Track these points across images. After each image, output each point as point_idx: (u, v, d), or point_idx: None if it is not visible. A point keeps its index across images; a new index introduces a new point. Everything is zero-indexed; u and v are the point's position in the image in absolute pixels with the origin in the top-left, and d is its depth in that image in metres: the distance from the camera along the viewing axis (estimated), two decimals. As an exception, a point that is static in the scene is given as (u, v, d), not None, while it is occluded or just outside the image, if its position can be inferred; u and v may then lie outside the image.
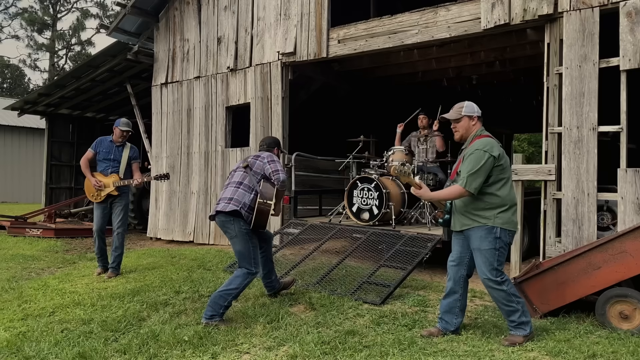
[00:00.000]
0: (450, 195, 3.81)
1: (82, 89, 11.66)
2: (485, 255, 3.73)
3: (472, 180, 3.66)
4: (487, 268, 3.73)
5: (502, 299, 3.78)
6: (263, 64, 8.17)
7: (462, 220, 3.85)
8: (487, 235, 3.71)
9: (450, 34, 6.30)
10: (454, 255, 4.02)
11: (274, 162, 4.63)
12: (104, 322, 4.38)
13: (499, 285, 3.74)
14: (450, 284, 4.01)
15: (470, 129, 3.90)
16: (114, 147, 6.28)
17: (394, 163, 6.68)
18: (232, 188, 4.54)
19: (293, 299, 5.03)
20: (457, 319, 4.01)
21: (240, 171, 4.64)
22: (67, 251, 8.53)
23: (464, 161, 3.78)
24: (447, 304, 4.01)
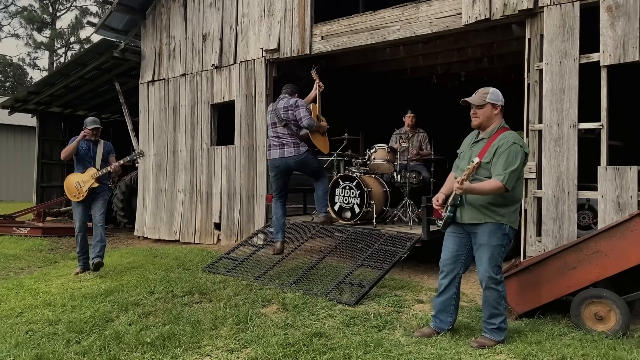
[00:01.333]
0: (490, 190, 3.51)
1: (72, 87, 11.60)
2: (491, 252, 3.61)
3: (513, 178, 3.48)
4: (491, 264, 3.62)
5: (493, 300, 3.67)
6: (247, 61, 8.08)
7: (473, 213, 3.64)
8: (497, 231, 3.59)
9: (432, 30, 6.20)
10: (448, 252, 3.85)
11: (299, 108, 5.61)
12: (71, 323, 4.31)
13: (497, 285, 3.65)
14: (445, 281, 3.87)
15: (492, 118, 3.65)
16: (91, 145, 6.38)
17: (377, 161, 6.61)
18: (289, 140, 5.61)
19: (267, 299, 4.95)
20: (451, 317, 3.91)
21: (280, 126, 5.63)
22: (51, 250, 8.47)
23: (499, 154, 3.52)
24: (441, 303, 3.89)
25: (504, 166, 3.49)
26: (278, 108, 5.70)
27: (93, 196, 6.29)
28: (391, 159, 6.59)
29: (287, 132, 5.63)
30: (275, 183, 5.89)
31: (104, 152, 6.44)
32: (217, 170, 8.52)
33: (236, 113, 8.23)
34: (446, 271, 3.87)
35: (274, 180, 5.88)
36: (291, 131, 5.62)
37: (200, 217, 8.73)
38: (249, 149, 8.03)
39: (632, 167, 4.80)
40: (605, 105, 4.99)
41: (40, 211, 10.97)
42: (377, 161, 6.57)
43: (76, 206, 6.39)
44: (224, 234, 8.35)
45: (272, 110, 5.79)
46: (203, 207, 8.70)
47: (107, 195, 6.55)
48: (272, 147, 5.75)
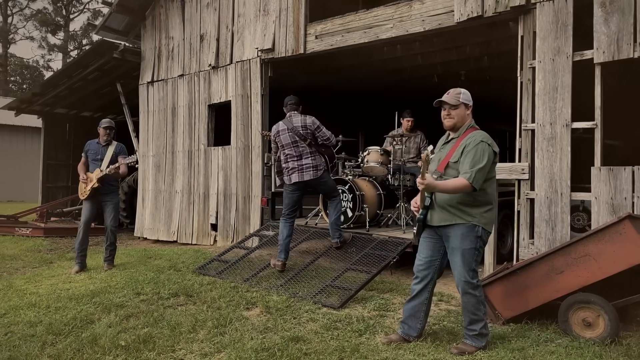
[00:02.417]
0: (455, 188, 3.43)
1: (75, 88, 11.67)
2: (465, 256, 3.50)
3: (480, 176, 3.37)
4: (466, 269, 3.50)
5: (472, 306, 3.55)
6: (243, 61, 8.03)
7: (443, 214, 3.55)
8: (469, 234, 3.48)
9: (425, 28, 6.08)
10: (422, 257, 3.74)
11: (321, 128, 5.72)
12: (51, 325, 4.28)
13: (474, 290, 3.52)
14: (418, 287, 3.75)
15: (465, 118, 3.59)
16: (101, 148, 6.58)
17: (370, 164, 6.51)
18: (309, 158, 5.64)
19: (251, 302, 4.88)
20: (420, 324, 3.79)
21: (303, 145, 5.62)
22: (50, 250, 8.51)
23: (467, 153, 3.44)
24: (411, 308, 3.78)
25: (471, 164, 3.39)
26: (295, 127, 5.60)
27: (102, 198, 6.50)
28: (385, 162, 6.48)
29: (309, 150, 5.60)
30: (289, 198, 5.78)
31: (114, 153, 6.54)
32: (214, 171, 8.49)
33: (232, 113, 8.19)
34: (420, 277, 3.76)
35: (289, 196, 5.77)
36: (312, 149, 5.61)
37: (198, 218, 8.71)
38: (245, 149, 7.98)
39: (626, 167, 4.64)
40: (599, 104, 4.83)
41: (43, 212, 11.05)
42: (370, 164, 6.47)
43: (83, 204, 6.66)
44: (220, 235, 8.32)
45: (287, 130, 5.64)
46: (200, 207, 8.68)
47: (116, 198, 6.67)
48: (292, 170, 5.64)
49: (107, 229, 6.56)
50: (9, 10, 35.92)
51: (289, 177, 5.71)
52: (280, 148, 5.78)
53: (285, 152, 5.71)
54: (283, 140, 5.69)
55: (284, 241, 5.76)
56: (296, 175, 5.63)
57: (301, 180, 5.62)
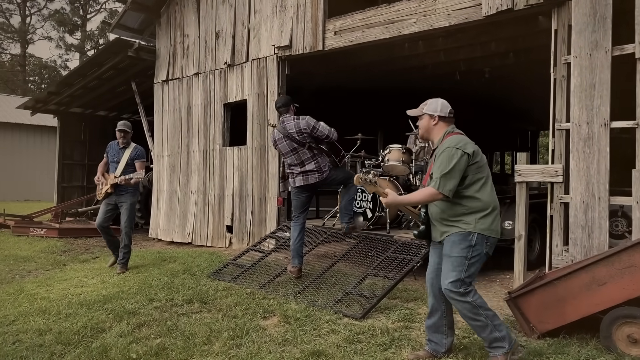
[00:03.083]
0: (421, 199, 3.37)
1: (90, 87, 11.56)
2: (452, 263, 3.28)
3: (445, 181, 3.22)
4: (452, 278, 3.26)
5: (467, 311, 3.29)
6: (259, 59, 7.81)
7: (441, 228, 3.41)
8: (461, 242, 3.26)
9: (450, 22, 5.79)
10: (431, 267, 3.57)
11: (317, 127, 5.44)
12: (60, 333, 4.11)
13: (462, 297, 3.26)
14: (431, 300, 3.57)
15: (431, 129, 3.51)
16: (119, 150, 6.57)
17: (391, 163, 6.23)
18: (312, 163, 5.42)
19: (268, 310, 4.66)
20: (447, 339, 3.55)
21: (302, 150, 5.38)
22: (64, 252, 8.38)
23: (436, 161, 3.34)
24: (432, 324, 3.57)
25: (437, 172, 3.26)
26: (290, 133, 5.38)
27: (118, 199, 6.48)
28: (406, 161, 6.20)
29: (310, 155, 5.39)
30: (297, 200, 5.59)
31: (129, 157, 6.52)
32: (230, 172, 8.29)
33: (248, 112, 7.98)
34: (429, 287, 3.57)
35: (296, 198, 5.59)
36: (312, 153, 5.40)
37: (213, 220, 8.52)
38: (261, 150, 7.76)
39: (671, 170, 4.31)
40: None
41: (58, 212, 10.96)
42: (391, 163, 6.20)
43: (101, 204, 6.72)
44: (235, 237, 8.11)
45: (283, 138, 5.43)
46: (215, 209, 8.48)
47: (132, 198, 6.60)
48: (296, 174, 5.47)
49: (122, 231, 6.52)
50: (27, 11, 36.23)
51: (293, 180, 5.55)
52: (282, 156, 5.63)
53: (287, 160, 5.57)
54: (282, 149, 5.53)
55: (295, 245, 5.55)
56: (301, 179, 5.47)
57: (306, 183, 5.46)
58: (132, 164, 6.50)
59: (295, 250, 5.52)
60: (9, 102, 22.03)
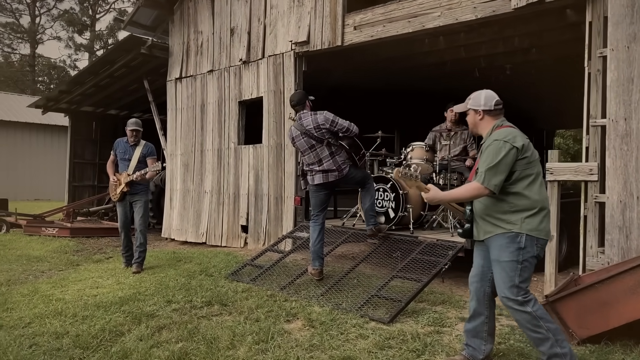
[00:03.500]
0: (466, 194, 3.15)
1: (102, 85, 11.47)
2: (504, 269, 3.06)
3: (491, 176, 3.01)
4: (507, 284, 3.05)
5: (527, 322, 3.07)
6: (276, 55, 7.64)
7: (485, 227, 3.20)
8: (509, 245, 3.05)
9: (477, 16, 5.59)
10: (475, 269, 3.36)
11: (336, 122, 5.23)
12: (78, 337, 3.96)
13: (521, 306, 3.04)
14: (473, 304, 3.36)
15: (478, 124, 3.32)
16: (129, 147, 6.49)
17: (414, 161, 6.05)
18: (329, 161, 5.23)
19: (291, 313, 4.48)
20: (485, 345, 3.34)
21: (320, 147, 5.21)
22: (76, 252, 8.26)
23: (482, 155, 3.14)
24: (472, 328, 3.37)
25: (483, 166, 3.06)
26: (308, 129, 5.21)
27: (130, 198, 6.42)
28: (430, 159, 6.01)
29: (329, 152, 5.21)
30: (315, 198, 5.41)
31: (141, 154, 6.45)
32: (245, 170, 8.13)
33: (264, 110, 7.82)
34: (472, 290, 3.36)
35: (315, 196, 5.41)
36: (331, 150, 5.21)
37: (227, 219, 8.36)
38: (277, 148, 7.60)
39: None
40: (683, 96, 4.29)
41: (70, 211, 10.87)
42: (415, 161, 6.02)
43: (117, 206, 6.63)
44: (251, 237, 7.95)
45: (300, 135, 5.26)
46: (230, 208, 8.33)
47: (146, 196, 6.56)
48: (315, 172, 5.29)
49: (136, 230, 6.44)
50: (37, 11, 36.33)
51: (312, 178, 5.36)
52: (300, 154, 5.45)
53: (304, 158, 5.38)
54: (300, 146, 5.35)
55: (315, 246, 5.36)
56: (320, 177, 5.28)
57: (326, 181, 5.27)
58: (144, 161, 6.44)
59: (315, 252, 5.34)
60: (19, 102, 22.05)
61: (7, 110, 20.84)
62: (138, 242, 6.40)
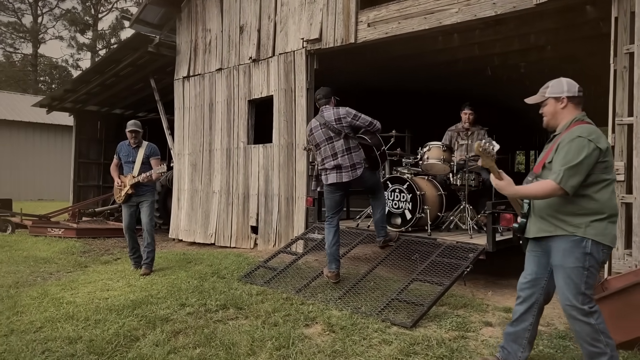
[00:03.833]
0: (539, 193, 2.88)
1: (107, 84, 11.35)
2: (569, 275, 2.86)
3: (569, 176, 2.78)
4: (572, 292, 2.85)
5: (586, 335, 2.88)
6: (287, 53, 7.52)
7: (541, 224, 2.99)
8: (574, 249, 2.84)
9: (496, 12, 5.46)
10: (527, 275, 3.16)
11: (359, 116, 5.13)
12: (92, 342, 3.83)
13: (585, 317, 2.85)
14: (521, 308, 3.18)
15: (559, 113, 3.03)
16: (131, 150, 6.39)
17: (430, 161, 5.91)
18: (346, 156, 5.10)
19: (310, 317, 4.35)
20: (523, 353, 3.17)
21: (338, 140, 5.08)
22: (83, 253, 8.14)
23: (559, 150, 2.87)
24: (513, 332, 3.21)
25: (561, 163, 2.79)
26: (328, 121, 5.08)
27: (137, 199, 6.33)
28: (447, 159, 5.88)
29: (345, 147, 5.06)
30: (330, 199, 5.27)
31: (144, 155, 6.34)
32: (254, 170, 8.00)
33: (274, 109, 7.69)
34: (523, 297, 3.15)
35: (329, 197, 5.28)
36: (348, 145, 5.07)
37: (237, 220, 8.24)
38: (288, 148, 7.47)
39: None
40: None
41: (75, 211, 10.75)
42: (431, 161, 5.88)
43: (122, 207, 6.52)
44: (261, 238, 7.83)
45: (319, 126, 5.15)
46: (239, 209, 8.20)
47: (152, 197, 6.49)
48: (329, 170, 5.15)
49: (143, 230, 6.35)
50: (39, 10, 36.25)
51: (326, 177, 5.21)
52: (315, 148, 5.30)
53: (320, 151, 5.23)
54: (317, 137, 5.19)
55: (331, 248, 5.22)
56: (334, 176, 5.13)
57: (339, 181, 5.12)
58: (148, 162, 6.35)
59: (331, 254, 5.21)
60: (22, 101, 21.95)
61: (11, 110, 20.74)
62: (146, 242, 6.28)
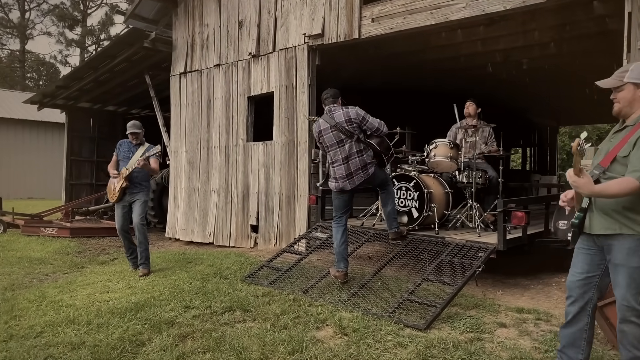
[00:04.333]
0: (619, 192, 2.70)
1: (101, 80, 11.13)
2: (631, 275, 2.74)
3: None
4: (632, 292, 2.74)
5: (634, 338, 2.78)
6: (288, 49, 7.38)
7: (605, 221, 2.84)
8: (639, 248, 2.73)
9: (505, 7, 5.37)
10: (577, 274, 3.03)
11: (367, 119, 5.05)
12: (96, 347, 3.68)
13: (639, 319, 2.75)
14: (573, 309, 3.04)
15: (636, 102, 2.81)
16: (133, 147, 6.28)
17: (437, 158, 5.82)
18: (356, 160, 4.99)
19: (320, 319, 4.24)
20: (582, 355, 3.03)
21: (349, 143, 4.97)
22: (79, 253, 7.95)
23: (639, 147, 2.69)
24: (570, 335, 3.06)
25: None
26: (339, 123, 4.95)
27: (130, 198, 6.15)
28: (454, 156, 5.78)
29: (357, 149, 4.95)
30: (339, 199, 5.17)
31: (143, 153, 6.16)
32: (254, 168, 7.86)
33: (275, 106, 7.55)
34: (574, 296, 3.01)
35: (338, 197, 5.17)
36: (360, 147, 4.96)
37: (236, 219, 8.10)
38: (289, 145, 7.34)
39: None
40: None
41: (69, 210, 10.52)
42: (438, 159, 5.78)
43: (115, 207, 6.32)
44: (261, 238, 7.69)
45: (329, 128, 5.00)
46: (239, 207, 8.06)
47: (146, 196, 6.31)
48: (340, 179, 5.02)
49: (134, 227, 6.15)
50: (27, 6, 35.69)
51: (337, 185, 5.08)
52: (325, 149, 5.17)
53: (330, 154, 5.09)
54: (327, 140, 5.05)
55: (339, 248, 5.11)
56: (347, 184, 5.03)
57: (353, 187, 5.04)
58: (146, 159, 6.17)
59: (339, 254, 5.10)
60: (11, 98, 21.57)
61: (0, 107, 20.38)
62: (138, 241, 6.11)
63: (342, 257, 5.09)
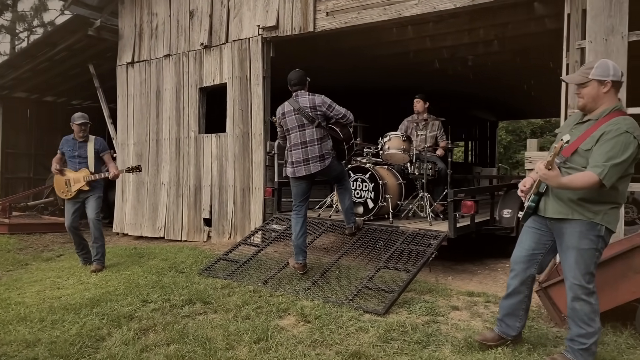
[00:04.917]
0: (581, 185, 2.88)
1: (39, 69, 10.56)
2: (583, 256, 2.98)
3: (614, 173, 2.81)
4: (582, 271, 2.98)
5: (584, 315, 3.02)
6: (241, 40, 7.33)
7: (559, 207, 3.04)
8: (589, 232, 2.95)
9: (455, 5, 5.60)
10: (523, 250, 3.28)
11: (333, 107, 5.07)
12: (53, 344, 3.58)
13: (588, 297, 3.01)
14: (514, 282, 3.31)
15: (600, 98, 2.95)
16: (77, 144, 6.07)
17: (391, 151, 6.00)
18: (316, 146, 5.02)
19: (282, 308, 4.30)
20: (520, 322, 3.38)
21: (310, 128, 5.00)
22: (20, 250, 7.60)
23: (604, 142, 2.85)
24: (509, 306, 3.36)
25: (606, 157, 2.81)
26: (302, 107, 4.98)
27: (85, 195, 6.00)
28: (407, 149, 5.99)
29: (317, 136, 4.98)
30: (297, 187, 5.20)
31: (95, 150, 6.04)
32: (207, 161, 7.77)
33: (228, 97, 7.49)
34: (517, 270, 3.30)
35: (296, 185, 5.20)
36: (320, 134, 5.01)
37: (188, 212, 7.98)
38: (244, 137, 7.32)
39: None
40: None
41: (6, 206, 9.96)
42: (392, 151, 5.96)
43: (66, 203, 6.12)
44: (215, 231, 7.64)
45: (293, 111, 5.02)
46: (191, 201, 7.95)
47: (100, 192, 6.13)
48: (295, 163, 5.05)
49: (89, 223, 5.99)
50: (-51, -13, 33.11)
51: (293, 170, 5.12)
52: (285, 132, 5.20)
53: (290, 137, 5.12)
54: (289, 123, 5.08)
55: (298, 240, 5.17)
56: (302, 169, 5.06)
57: (308, 173, 5.08)
58: (100, 158, 6.09)
59: (298, 246, 5.16)
60: None
61: None
62: (93, 237, 5.94)
63: (301, 249, 5.16)
